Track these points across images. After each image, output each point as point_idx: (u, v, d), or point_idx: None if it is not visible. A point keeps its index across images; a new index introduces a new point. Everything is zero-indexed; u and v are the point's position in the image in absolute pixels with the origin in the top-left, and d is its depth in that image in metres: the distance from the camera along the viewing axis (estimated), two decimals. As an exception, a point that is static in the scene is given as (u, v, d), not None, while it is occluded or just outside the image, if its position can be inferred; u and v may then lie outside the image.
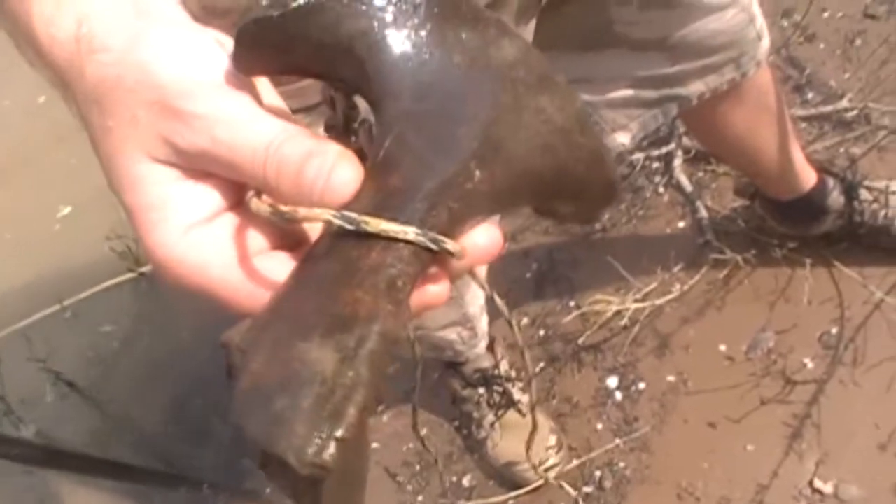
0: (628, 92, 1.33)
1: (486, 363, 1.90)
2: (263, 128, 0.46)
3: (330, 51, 0.46)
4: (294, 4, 0.45)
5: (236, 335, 0.44)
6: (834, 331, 1.88)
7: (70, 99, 0.51)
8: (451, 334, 1.53)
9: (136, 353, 2.60)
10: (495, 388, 1.92)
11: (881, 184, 1.85)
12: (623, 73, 1.31)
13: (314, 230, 0.49)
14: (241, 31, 0.47)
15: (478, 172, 0.45)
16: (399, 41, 0.46)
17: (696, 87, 1.36)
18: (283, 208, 0.44)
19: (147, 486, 2.10)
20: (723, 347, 1.94)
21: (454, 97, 0.46)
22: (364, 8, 0.46)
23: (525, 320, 2.13)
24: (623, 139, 1.39)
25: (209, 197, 0.48)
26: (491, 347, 1.89)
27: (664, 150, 2.20)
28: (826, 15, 2.35)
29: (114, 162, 0.48)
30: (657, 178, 2.22)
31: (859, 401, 1.78)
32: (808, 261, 1.92)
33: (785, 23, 2.37)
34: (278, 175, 0.45)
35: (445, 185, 0.44)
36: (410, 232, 0.43)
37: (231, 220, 0.48)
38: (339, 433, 0.40)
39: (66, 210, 3.08)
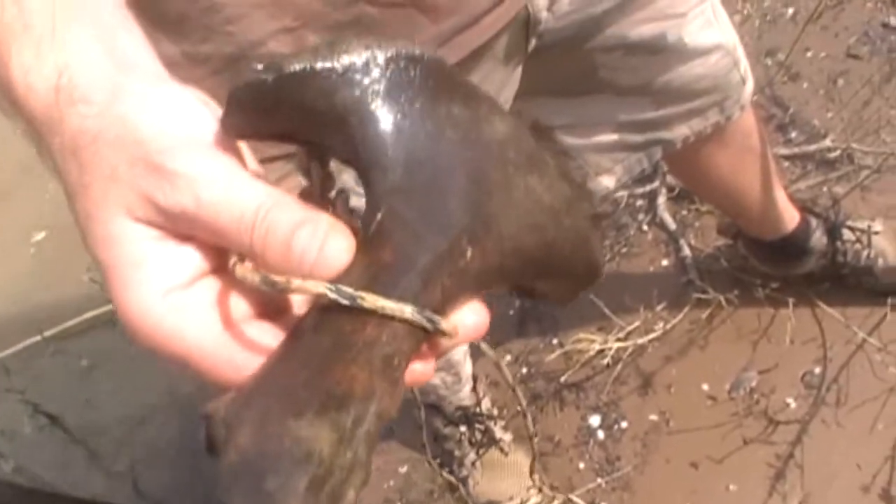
0: (613, 136, 1.33)
1: (469, 401, 1.89)
2: (251, 192, 0.45)
3: (322, 119, 0.45)
4: (289, 70, 0.45)
5: (221, 407, 0.43)
6: (817, 370, 1.88)
7: (45, 151, 0.49)
8: (435, 379, 1.52)
9: (117, 387, 2.58)
10: (477, 426, 1.91)
11: (864, 224, 1.85)
12: (607, 117, 1.31)
13: (298, 300, 0.48)
14: (233, 95, 0.46)
15: (470, 249, 0.45)
16: (392, 113, 0.45)
17: (680, 131, 1.36)
18: (276, 278, 0.43)
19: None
20: (705, 387, 1.93)
21: (446, 172, 0.45)
22: (359, 77, 0.45)
23: (508, 358, 2.12)
24: (608, 183, 1.39)
25: (190, 259, 0.46)
26: (473, 386, 1.88)
27: (648, 187, 2.20)
28: (809, 54, 2.36)
29: (91, 218, 0.46)
30: (641, 216, 2.22)
31: (842, 441, 1.78)
32: (790, 300, 1.92)
33: (769, 61, 2.38)
34: (265, 242, 0.43)
35: (439, 261, 0.44)
36: (407, 310, 0.42)
37: (212, 284, 0.47)
38: None
39: (41, 235, 3.05)
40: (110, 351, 2.61)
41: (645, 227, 2.21)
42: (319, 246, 0.43)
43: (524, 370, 2.10)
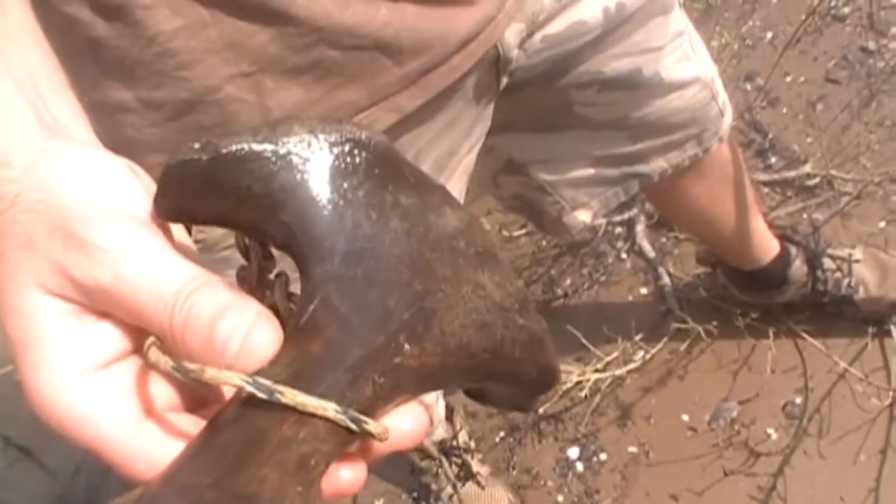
0: (589, 171, 1.31)
1: (445, 434, 1.86)
2: (174, 271, 0.42)
3: (259, 203, 0.42)
4: (225, 150, 0.42)
5: None
6: (798, 401, 1.86)
7: None
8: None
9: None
10: (454, 459, 1.89)
11: (844, 252, 1.84)
12: (583, 152, 1.29)
13: (228, 390, 0.45)
14: (165, 174, 0.44)
15: (407, 346, 0.42)
16: (334, 199, 0.42)
17: (657, 164, 1.34)
18: (189, 365, 0.39)
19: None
20: (685, 417, 1.92)
21: (388, 264, 0.42)
22: (299, 161, 0.42)
23: (485, 388, 2.10)
24: (584, 217, 1.37)
25: (107, 338, 0.43)
26: (450, 418, 1.86)
27: (626, 215, 2.19)
28: (788, 79, 2.35)
29: (2, 298, 0.43)
30: (619, 244, 2.20)
31: (825, 473, 1.77)
32: (771, 329, 1.91)
33: (748, 86, 2.37)
34: (186, 327, 0.41)
35: (371, 357, 0.41)
36: (329, 408, 0.39)
37: (130, 368, 0.44)
38: None
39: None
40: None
41: (623, 255, 2.20)
42: (244, 335, 0.40)
43: (502, 401, 2.07)
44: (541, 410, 2.00)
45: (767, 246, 1.76)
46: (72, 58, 0.57)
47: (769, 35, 2.48)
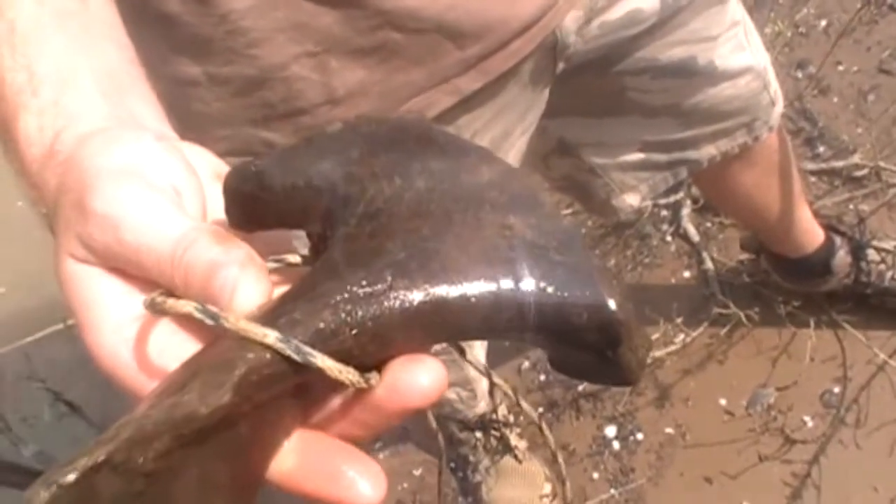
0: (639, 155, 1.33)
1: (486, 408, 1.89)
2: (167, 230, 0.44)
3: (301, 193, 0.45)
4: (267, 154, 0.46)
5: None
6: (836, 390, 1.87)
7: (43, 215, 0.51)
8: (451, 394, 1.52)
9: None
10: (493, 432, 1.91)
11: (889, 244, 1.84)
12: (635, 137, 1.31)
13: None
14: (224, 183, 0.47)
15: (391, 280, 0.40)
16: (361, 174, 0.44)
17: (707, 151, 1.36)
18: (156, 298, 0.42)
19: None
20: (723, 401, 1.93)
21: (399, 218, 0.43)
22: (335, 148, 0.45)
23: (526, 364, 2.13)
24: (632, 201, 1.39)
25: (136, 293, 0.46)
26: (490, 392, 1.88)
27: (672, 198, 2.19)
28: (841, 68, 2.34)
29: (56, 266, 0.47)
30: (664, 227, 2.21)
31: (860, 463, 1.77)
32: (812, 318, 1.91)
33: (799, 74, 2.37)
34: (186, 283, 0.43)
35: (348, 290, 0.39)
36: (271, 336, 0.38)
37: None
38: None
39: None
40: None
41: (668, 238, 2.21)
42: (231, 289, 0.42)
43: (542, 377, 2.10)
44: (580, 388, 2.02)
45: (812, 235, 1.76)
46: (143, 33, 0.61)
47: (823, 23, 2.47)
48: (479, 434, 1.91)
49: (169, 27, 0.82)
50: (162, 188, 0.46)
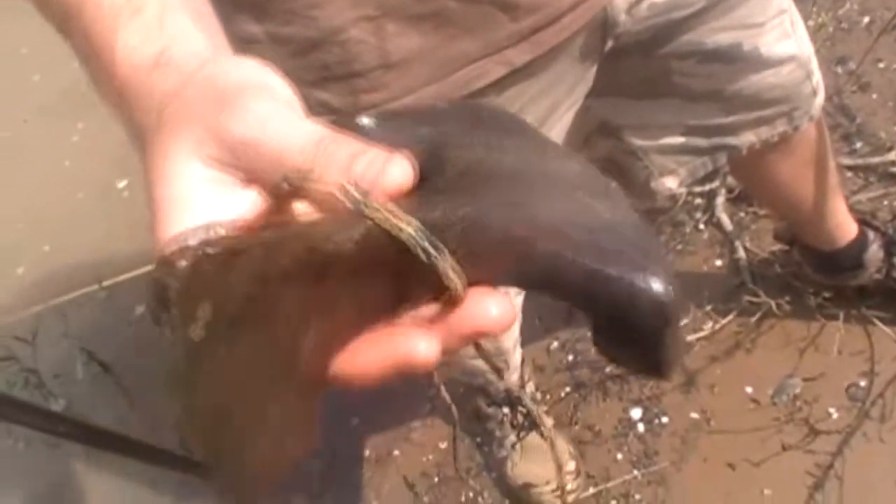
0: (680, 139, 1.34)
1: (516, 380, 1.91)
2: (314, 127, 0.46)
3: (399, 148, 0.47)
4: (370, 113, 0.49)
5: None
6: (862, 384, 1.87)
7: (129, 118, 0.52)
8: (483, 364, 1.54)
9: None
10: (520, 409, 1.94)
11: (922, 241, 1.85)
12: (677, 121, 1.32)
13: None
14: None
15: (498, 214, 0.43)
16: (459, 143, 0.47)
17: (747, 138, 1.37)
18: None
19: (178, 472, 2.11)
20: (749, 390, 1.94)
21: (492, 175, 0.46)
22: (436, 119, 0.49)
23: (555, 344, 2.15)
24: (671, 184, 1.40)
25: (233, 206, 0.47)
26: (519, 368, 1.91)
27: (707, 187, 2.21)
28: (882, 65, 2.34)
29: (155, 162, 0.48)
30: (698, 215, 2.22)
31: (883, 457, 1.78)
32: (841, 311, 1.92)
33: (839, 70, 2.37)
34: (325, 169, 0.44)
35: (447, 222, 0.42)
36: (413, 224, 0.41)
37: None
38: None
39: (123, 183, 3.13)
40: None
41: (701, 226, 2.22)
42: (379, 170, 0.43)
43: (570, 357, 2.12)
44: (607, 369, 2.04)
45: (846, 228, 1.77)
46: None
47: (866, 20, 2.47)
48: (506, 410, 1.94)
49: None
50: (291, 103, 0.48)
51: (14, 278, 2.95)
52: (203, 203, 0.46)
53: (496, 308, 0.43)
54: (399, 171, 0.43)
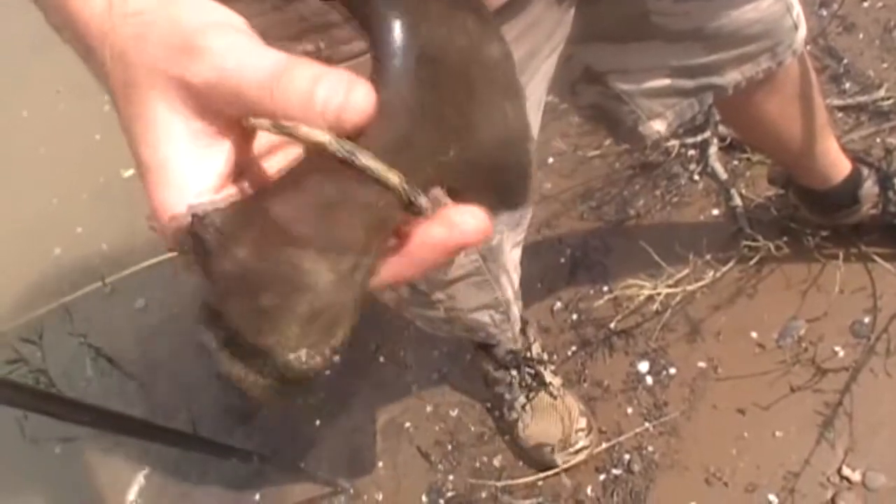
0: (664, 81, 1.34)
1: (519, 345, 1.92)
2: (270, 56, 0.46)
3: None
4: None
5: (215, 216, 0.45)
6: (866, 320, 1.88)
7: (96, 66, 0.51)
8: (485, 316, 1.54)
9: (170, 324, 2.64)
10: (527, 370, 1.95)
11: (916, 174, 1.85)
12: (659, 62, 1.32)
13: None
14: None
15: (452, 150, 0.47)
16: (415, 9, 0.47)
17: (731, 76, 1.37)
18: (285, 123, 0.44)
19: (199, 455, 2.12)
20: (754, 335, 1.95)
21: (449, 75, 0.47)
22: None
23: (558, 304, 2.16)
24: (659, 127, 1.40)
25: (216, 164, 0.48)
26: (523, 330, 1.91)
27: (699, 137, 2.21)
28: (866, 4, 2.34)
29: (133, 118, 0.48)
30: (692, 166, 2.23)
31: (890, 391, 1.79)
32: (840, 250, 1.93)
33: (824, 12, 2.37)
34: (286, 99, 0.44)
35: (430, 151, 0.46)
36: (397, 177, 0.44)
37: (234, 194, 0.48)
38: (331, 344, 0.43)
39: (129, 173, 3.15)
40: (165, 289, 2.68)
41: (696, 177, 2.22)
42: (343, 95, 0.44)
43: (574, 316, 2.13)
44: (612, 325, 2.05)
45: (839, 166, 1.77)
46: None
47: (847, -40, 2.47)
48: (513, 372, 1.95)
49: None
50: (254, 37, 0.48)
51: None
52: (185, 164, 0.47)
53: (472, 220, 0.48)
54: (361, 96, 0.44)
